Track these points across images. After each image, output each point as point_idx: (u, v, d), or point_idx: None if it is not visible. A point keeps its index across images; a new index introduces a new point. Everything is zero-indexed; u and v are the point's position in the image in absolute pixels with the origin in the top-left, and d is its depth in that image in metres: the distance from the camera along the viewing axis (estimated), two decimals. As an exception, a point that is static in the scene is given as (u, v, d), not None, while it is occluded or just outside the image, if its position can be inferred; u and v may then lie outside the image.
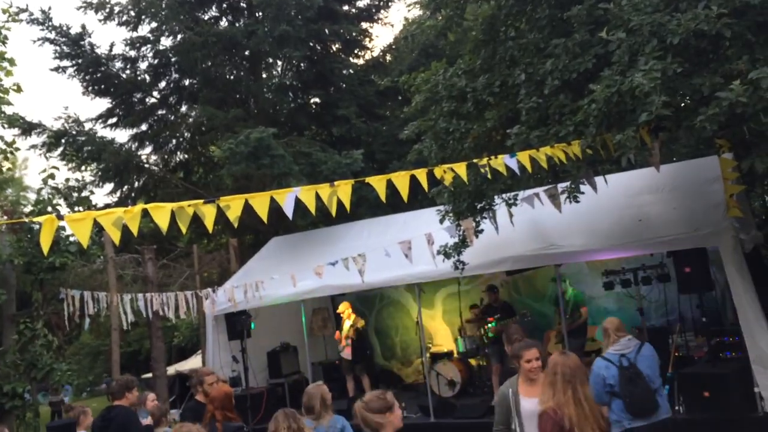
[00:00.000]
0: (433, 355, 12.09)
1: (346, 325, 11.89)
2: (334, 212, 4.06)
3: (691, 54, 4.66)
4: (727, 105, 4.28)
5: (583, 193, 6.42)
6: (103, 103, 16.11)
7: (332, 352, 13.47)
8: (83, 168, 14.56)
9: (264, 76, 16.40)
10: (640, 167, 8.28)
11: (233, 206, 3.66)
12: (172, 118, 16.65)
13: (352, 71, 16.10)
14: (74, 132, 14.69)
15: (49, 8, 14.85)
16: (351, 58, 16.51)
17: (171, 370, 21.71)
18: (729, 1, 4.40)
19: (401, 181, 4.20)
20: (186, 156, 16.86)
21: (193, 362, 18.42)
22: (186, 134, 16.55)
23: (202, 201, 3.59)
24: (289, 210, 3.83)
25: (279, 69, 16.48)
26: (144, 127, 16.47)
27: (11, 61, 13.70)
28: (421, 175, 4.36)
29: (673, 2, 4.83)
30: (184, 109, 16.60)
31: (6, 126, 13.83)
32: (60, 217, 3.13)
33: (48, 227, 3.04)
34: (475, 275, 10.81)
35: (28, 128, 14.11)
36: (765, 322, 7.56)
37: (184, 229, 3.54)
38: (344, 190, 3.94)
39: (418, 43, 16.02)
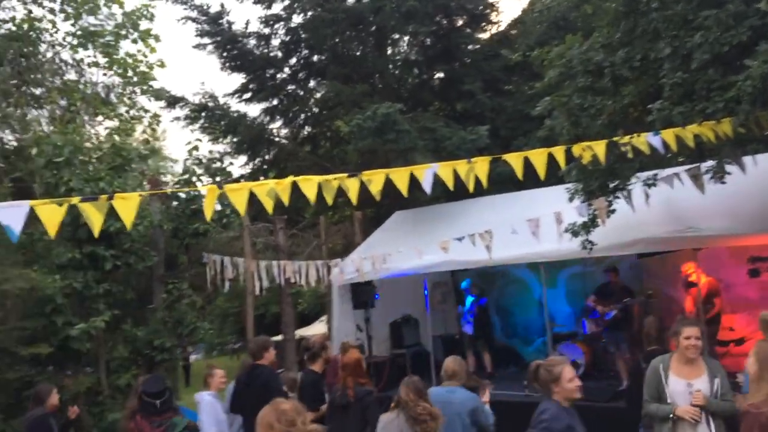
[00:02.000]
0: (556, 335, 11.91)
1: (468, 301, 11.97)
2: (471, 188, 4.11)
3: None
4: None
5: (729, 173, 6.07)
6: (238, 79, 16.92)
7: (451, 326, 13.61)
8: (220, 140, 15.40)
9: (389, 51, 16.56)
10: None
11: (375, 180, 3.80)
12: (301, 93, 17.21)
13: (478, 46, 15.90)
14: (212, 106, 15.55)
15: (192, -12, 15.73)
16: (476, 33, 16.29)
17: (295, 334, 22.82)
18: None
19: (538, 158, 4.17)
20: (313, 130, 17.41)
21: (316, 328, 19.16)
22: (314, 109, 17.07)
23: (346, 175, 3.75)
24: (428, 185, 3.92)
25: (404, 44, 16.57)
26: (275, 101, 17.14)
27: (156, 38, 14.72)
28: (558, 152, 4.31)
29: None
30: (312, 84, 17.11)
31: (152, 99, 14.92)
32: (220, 187, 3.38)
33: (211, 195, 3.30)
34: (602, 256, 10.51)
35: (172, 101, 15.11)
36: None
37: (329, 200, 3.72)
38: (481, 167, 3.97)
39: (548, 16, 15.52)
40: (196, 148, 10.65)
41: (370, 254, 9.56)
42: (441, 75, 16.14)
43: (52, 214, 3.31)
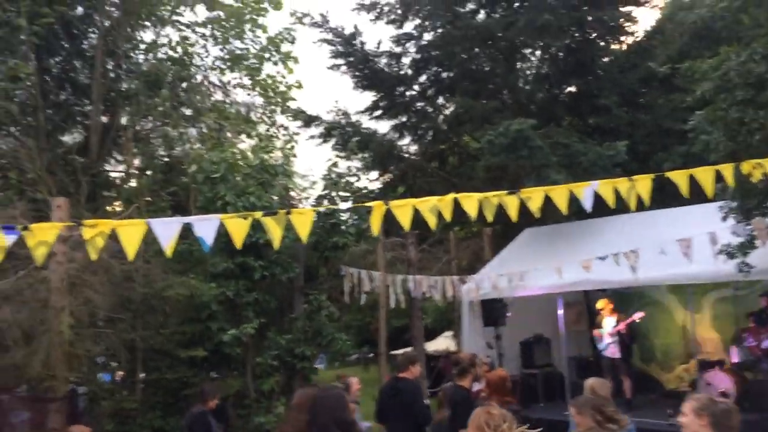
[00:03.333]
0: (701, 362, 11.24)
1: (607, 322, 11.56)
2: (633, 206, 4.04)
3: None
4: None
5: None
6: (369, 97, 17.44)
7: (584, 348, 13.20)
8: (351, 157, 15.91)
9: (519, 66, 16.46)
10: None
11: (534, 197, 3.83)
12: (430, 109, 17.45)
13: (613, 58, 15.45)
14: (344, 123, 16.13)
15: (327, 12, 16.47)
16: (612, 45, 15.84)
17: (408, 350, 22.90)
18: None
19: (705, 175, 4.02)
20: (441, 146, 17.58)
21: (440, 342, 19.18)
22: (442, 126, 17.25)
23: (505, 192, 3.81)
24: (588, 203, 3.90)
25: (535, 59, 16.41)
26: (404, 118, 17.49)
27: (295, 60, 15.48)
28: (726, 170, 4.14)
29: None
30: (440, 101, 17.30)
31: (290, 118, 15.68)
32: (386, 203, 3.55)
33: (378, 211, 3.48)
34: (754, 280, 9.87)
35: (308, 121, 15.81)
36: None
37: (490, 218, 3.79)
38: (643, 184, 3.90)
39: (689, 27, 14.88)
40: (335, 164, 11.08)
41: (506, 271, 9.51)
42: (573, 89, 15.83)
43: (238, 227, 3.62)
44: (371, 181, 17.34)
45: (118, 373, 9.63)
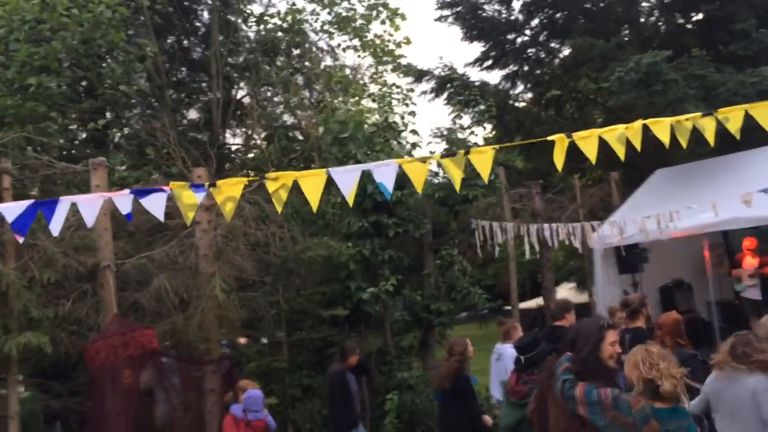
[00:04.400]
0: None
1: (748, 262, 10.84)
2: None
3: None
4: None
5: None
6: (478, 48, 16.90)
7: (727, 291, 12.47)
8: (465, 111, 15.56)
9: (638, -1, 15.39)
10: None
11: (732, 118, 3.45)
12: (543, 55, 16.72)
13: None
14: (456, 77, 15.74)
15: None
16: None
17: (533, 303, 22.43)
18: None
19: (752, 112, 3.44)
20: (557, 92, 16.85)
21: (559, 294, 18.67)
22: (557, 70, 16.50)
23: (700, 114, 3.46)
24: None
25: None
26: (515, 67, 16.86)
27: (402, 16, 15.21)
28: None
29: None
30: (554, 44, 16.52)
31: (402, 75, 15.49)
32: (569, 136, 3.31)
33: (560, 145, 3.24)
34: None
35: (419, 76, 15.54)
36: None
37: (684, 143, 3.47)
38: (736, 116, 3.41)
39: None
40: (458, 116, 10.84)
41: (643, 214, 8.95)
42: (701, 16, 14.60)
43: (417, 171, 3.51)
44: (486, 135, 16.92)
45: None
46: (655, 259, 11.77)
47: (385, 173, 3.45)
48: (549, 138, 3.37)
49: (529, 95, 17.10)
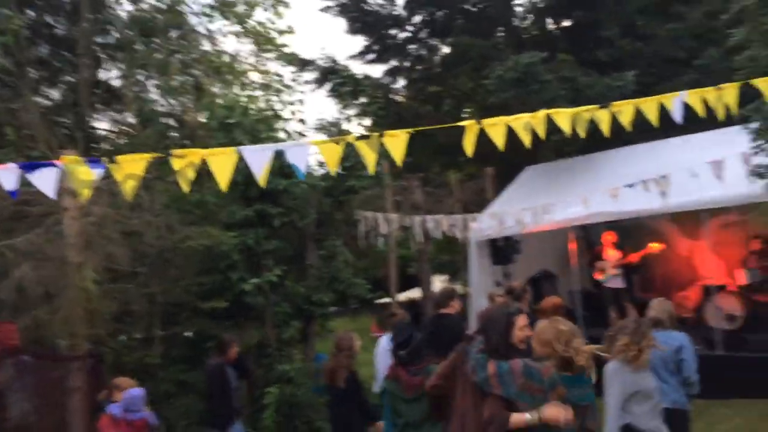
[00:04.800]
0: (707, 287, 11.42)
1: (610, 254, 11.65)
2: (722, 115, 3.86)
3: None
4: None
5: None
6: (361, 41, 16.93)
7: (586, 281, 13.32)
8: (346, 104, 15.56)
9: (513, 1, 16.05)
10: None
11: (624, 111, 3.63)
12: (424, 52, 17.02)
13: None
14: (338, 68, 15.67)
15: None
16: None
17: (403, 297, 22.92)
18: None
19: (730, 93, 3.80)
20: (436, 89, 17.23)
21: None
22: (437, 68, 16.87)
23: (597, 106, 3.61)
24: (678, 114, 3.72)
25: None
26: (397, 62, 17.06)
27: (286, 4, 14.93)
28: (765, 84, 3.96)
29: None
30: (435, 42, 16.87)
31: (284, 64, 15.21)
32: (479, 122, 3.33)
33: (471, 131, 3.24)
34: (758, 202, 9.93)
35: (301, 65, 15.33)
36: None
37: (582, 133, 3.60)
38: (729, 92, 3.72)
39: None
40: (344, 107, 10.78)
41: (530, 205, 9.38)
42: (569, 22, 15.46)
43: (331, 152, 3.39)
44: (366, 127, 17.00)
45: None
46: (525, 251, 12.39)
47: (298, 154, 3.31)
48: (460, 123, 3.40)
49: (408, 92, 17.34)
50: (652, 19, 14.54)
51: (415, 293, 20.17)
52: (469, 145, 3.30)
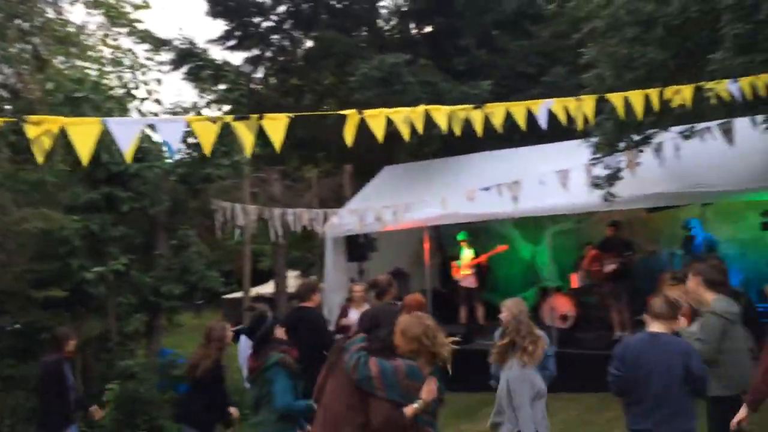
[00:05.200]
0: (543, 289, 12.23)
1: (465, 254, 12.13)
2: (581, 125, 4.11)
3: None
4: None
5: None
6: (222, 26, 16.32)
7: (439, 281, 13.79)
8: (205, 89, 14.96)
9: (379, 3, 16.26)
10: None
11: (496, 113, 3.76)
12: (287, 43, 16.77)
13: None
14: (197, 52, 15.03)
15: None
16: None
17: (253, 292, 22.55)
18: None
19: (588, 104, 4.13)
20: (298, 82, 17.04)
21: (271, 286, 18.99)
22: (300, 61, 16.68)
23: (472, 106, 3.69)
24: (543, 120, 3.91)
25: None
26: (259, 51, 16.66)
27: (141, -22, 14.09)
28: (653, 94, 4.34)
29: None
30: (299, 34, 16.66)
31: (138, 41, 14.32)
32: (360, 112, 3.29)
33: (351, 121, 3.20)
34: (590, 212, 10.81)
35: (157, 45, 14.51)
36: None
37: (458, 131, 3.66)
38: (588, 103, 3.98)
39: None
40: (203, 92, 10.32)
41: (388, 204, 9.50)
42: (431, 29, 15.90)
43: (206, 131, 3.17)
44: (225, 114, 16.42)
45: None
46: (381, 249, 12.60)
47: (171, 130, 3.07)
48: (342, 112, 3.34)
49: (269, 81, 17.00)
50: (506, 34, 15.34)
51: (265, 288, 19.85)
52: (349, 134, 3.26)
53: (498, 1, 15.20)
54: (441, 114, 3.58)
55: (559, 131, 7.57)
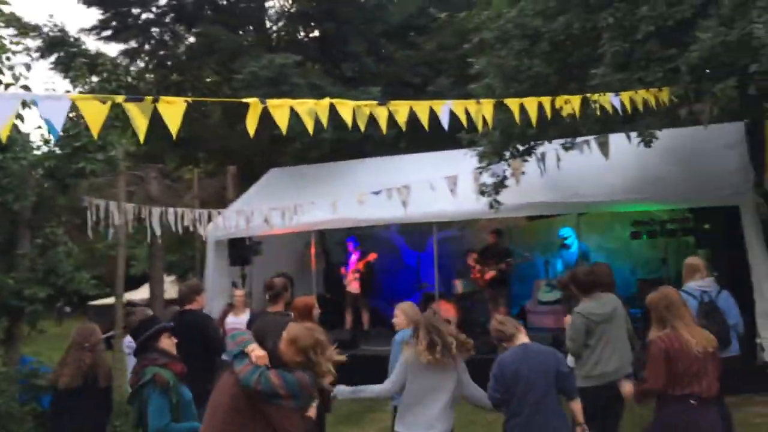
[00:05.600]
0: (426, 294, 12.45)
1: (351, 260, 12.13)
2: (480, 128, 4.16)
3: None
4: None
5: (657, 138, 6.69)
6: (96, 14, 15.42)
7: (319, 285, 13.72)
8: (76, 81, 14.00)
9: (267, 3, 16.00)
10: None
11: (400, 110, 3.73)
12: (167, 38, 16.10)
13: (357, 8, 15.69)
14: (67, 41, 14.09)
15: None
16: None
17: (126, 298, 21.32)
18: None
19: (487, 108, 4.21)
20: (180, 78, 16.38)
21: (144, 292, 18.12)
22: (182, 56, 16.06)
23: (376, 102, 3.63)
24: (445, 120, 3.93)
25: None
26: (136, 43, 15.88)
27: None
28: (546, 102, 4.49)
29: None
30: (181, 29, 16.04)
31: (2, 26, 13.14)
32: (263, 102, 3.13)
33: (254, 110, 3.04)
34: (472, 219, 11.17)
35: (24, 30, 13.40)
36: (775, 279, 8.12)
37: (362, 127, 3.57)
38: (487, 108, 4.04)
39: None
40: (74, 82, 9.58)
41: (281, 206, 9.27)
42: (320, 34, 15.84)
43: (95, 113, 2.86)
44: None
45: None
46: (265, 253, 12.34)
47: (53, 108, 2.73)
48: (244, 100, 3.16)
49: (148, 76, 16.23)
50: (393, 44, 15.57)
51: (138, 295, 18.84)
52: (251, 124, 3.10)
53: (384, 12, 15.40)
54: (346, 108, 3.50)
55: (444, 140, 7.78)
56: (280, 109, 3.23)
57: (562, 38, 6.51)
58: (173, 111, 3.01)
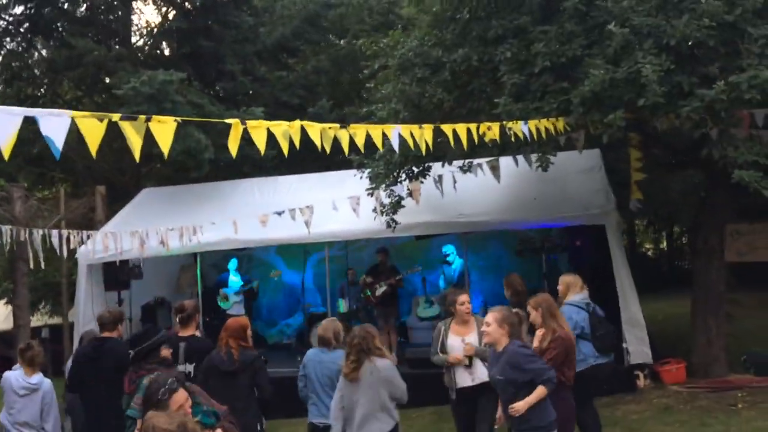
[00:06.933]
0: (311, 315, 12.53)
1: (235, 281, 11.99)
2: (423, 150, 4.41)
3: (678, 55, 5.72)
4: (709, 100, 5.39)
5: (552, 163, 7.31)
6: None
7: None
8: None
9: (136, 18, 15.39)
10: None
11: (358, 133, 3.90)
12: (20, 49, 14.95)
13: (233, 28, 15.51)
14: None
15: None
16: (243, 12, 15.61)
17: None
18: (715, 15, 5.50)
19: (427, 133, 4.50)
20: (36, 93, 15.22)
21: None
22: (36, 69, 14.96)
23: (339, 126, 3.78)
24: (395, 143, 4.14)
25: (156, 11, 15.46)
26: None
27: None
28: (448, 129, 4.81)
29: (663, 8, 5.87)
30: (37, 40, 14.96)
31: None
32: (243, 122, 3.18)
33: (236, 131, 3.08)
34: (351, 240, 11.42)
35: None
36: (635, 289, 9.15)
37: (328, 149, 3.70)
38: (428, 132, 4.32)
39: (299, 11, 16.12)
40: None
41: (180, 226, 8.91)
42: (192, 51, 15.41)
43: (93, 130, 2.76)
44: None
45: None
46: (146, 276, 11.93)
47: (55, 126, 2.59)
48: (226, 120, 3.17)
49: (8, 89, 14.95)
50: (267, 64, 15.58)
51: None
52: (233, 145, 3.13)
53: (255, 33, 15.37)
54: (315, 131, 3.63)
55: (326, 162, 7.91)
56: (258, 130, 3.30)
57: (462, 68, 6.99)
58: (164, 130, 2.99)
